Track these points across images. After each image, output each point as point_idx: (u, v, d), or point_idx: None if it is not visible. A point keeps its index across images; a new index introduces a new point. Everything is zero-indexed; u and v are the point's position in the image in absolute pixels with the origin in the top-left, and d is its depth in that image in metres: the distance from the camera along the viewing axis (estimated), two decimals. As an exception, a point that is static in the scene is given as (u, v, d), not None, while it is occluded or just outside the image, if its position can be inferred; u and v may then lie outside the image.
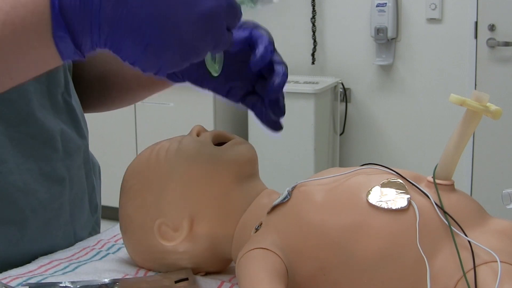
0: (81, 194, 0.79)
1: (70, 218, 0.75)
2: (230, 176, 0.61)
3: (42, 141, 0.71)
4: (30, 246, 0.69)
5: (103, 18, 0.48)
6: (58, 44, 0.48)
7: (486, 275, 0.48)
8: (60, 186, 0.73)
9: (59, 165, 0.73)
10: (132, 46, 0.49)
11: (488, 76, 2.84)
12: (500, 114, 0.51)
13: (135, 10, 0.48)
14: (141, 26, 0.48)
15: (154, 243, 0.61)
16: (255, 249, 0.55)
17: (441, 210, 0.51)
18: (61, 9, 0.47)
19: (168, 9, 0.49)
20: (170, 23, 0.49)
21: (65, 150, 0.74)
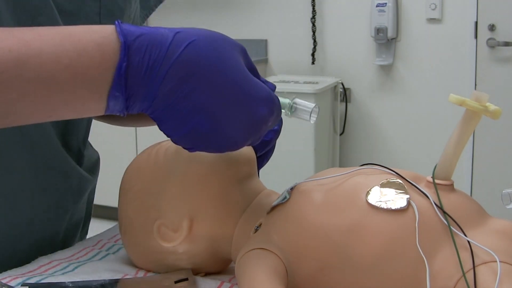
0: (77, 223, 0.80)
1: (60, 244, 0.76)
2: (229, 177, 0.61)
3: (62, 176, 0.72)
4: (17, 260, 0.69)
5: (160, 94, 0.48)
6: (109, 102, 0.48)
7: (486, 275, 0.48)
8: (62, 217, 0.75)
9: (68, 201, 0.75)
10: (176, 128, 0.50)
11: (488, 76, 2.84)
12: (500, 114, 0.51)
13: (191, 100, 0.48)
14: (192, 116, 0.49)
15: (154, 244, 0.61)
16: (255, 250, 0.55)
17: (440, 210, 0.51)
18: (126, 73, 0.47)
19: (223, 110, 0.49)
20: (221, 123, 0.50)
21: (79, 186, 0.76)
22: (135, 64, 0.47)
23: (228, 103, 0.49)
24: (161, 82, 0.48)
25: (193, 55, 0.48)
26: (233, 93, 0.50)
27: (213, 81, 0.49)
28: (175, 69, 0.48)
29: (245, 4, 3.34)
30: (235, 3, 3.36)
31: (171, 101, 0.48)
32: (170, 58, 0.48)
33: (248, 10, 3.35)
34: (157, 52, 0.48)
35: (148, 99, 0.49)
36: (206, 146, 0.51)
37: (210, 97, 0.49)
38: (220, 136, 0.50)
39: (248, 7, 3.34)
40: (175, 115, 0.49)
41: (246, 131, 0.51)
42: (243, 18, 3.36)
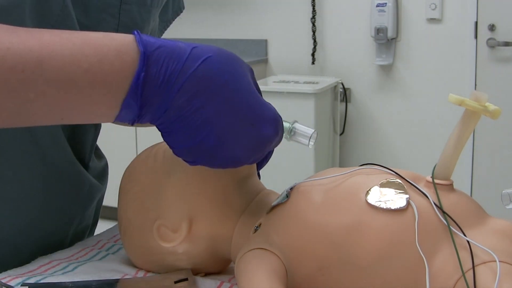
0: (85, 229, 0.80)
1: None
2: (229, 177, 0.61)
3: (72, 184, 0.73)
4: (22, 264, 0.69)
5: (173, 106, 0.49)
6: (122, 110, 0.49)
7: (485, 275, 0.48)
8: (70, 224, 0.75)
9: (77, 208, 0.75)
10: (182, 141, 0.51)
11: (488, 76, 2.84)
12: (499, 113, 0.51)
13: (202, 115, 0.49)
14: (201, 130, 0.50)
15: (153, 245, 0.61)
16: (254, 250, 0.55)
17: (440, 210, 0.51)
18: (144, 82, 0.48)
19: (231, 128, 0.51)
20: (228, 140, 0.51)
21: (89, 194, 0.76)
22: (152, 74, 0.48)
23: (237, 122, 0.51)
24: (176, 95, 0.49)
25: (208, 71, 0.49)
26: (243, 112, 0.51)
27: (225, 99, 0.50)
28: (190, 83, 0.49)
29: (245, 4, 3.34)
30: (235, 3, 3.36)
31: (183, 114, 0.49)
32: (186, 72, 0.49)
33: (248, 10, 3.35)
34: (175, 64, 0.49)
35: (160, 110, 0.49)
36: (209, 161, 0.52)
37: (221, 113, 0.50)
38: (225, 153, 0.52)
39: (248, 7, 3.34)
40: (184, 128, 0.50)
41: (251, 150, 0.52)
42: (243, 18, 3.37)
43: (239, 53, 3.41)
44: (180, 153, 0.53)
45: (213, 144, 0.51)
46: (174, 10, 0.90)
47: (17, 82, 0.46)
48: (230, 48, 3.44)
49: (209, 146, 0.51)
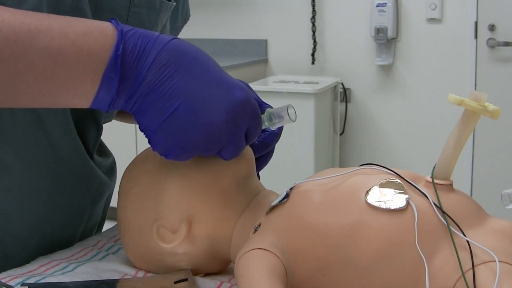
0: (93, 226, 0.81)
1: None
2: (228, 177, 0.61)
3: (82, 180, 0.73)
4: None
5: (147, 77, 0.53)
6: (102, 84, 0.52)
7: (485, 275, 0.48)
8: (80, 220, 0.75)
9: (87, 203, 0.75)
10: (156, 115, 0.53)
11: (488, 76, 2.84)
12: (499, 113, 0.51)
13: (173, 82, 0.53)
14: (173, 99, 0.53)
15: (153, 245, 0.61)
16: (254, 250, 0.54)
17: (439, 210, 0.51)
18: (122, 54, 0.52)
19: (202, 92, 0.53)
20: (200, 105, 0.53)
21: (98, 190, 0.76)
22: (129, 48, 0.52)
23: (207, 87, 0.53)
24: (150, 65, 0.52)
25: (178, 46, 0.54)
26: (213, 79, 0.54)
27: (194, 68, 0.54)
28: (162, 54, 0.53)
29: (245, 4, 3.34)
30: (235, 3, 3.36)
31: (155, 85, 0.52)
32: (158, 45, 0.53)
33: (248, 10, 3.35)
34: (147, 40, 0.53)
35: (136, 83, 0.52)
36: (185, 136, 0.53)
37: (191, 82, 0.53)
38: (200, 121, 0.53)
39: (248, 7, 3.34)
40: (156, 100, 0.53)
41: (225, 115, 0.53)
42: (243, 18, 3.37)
43: (239, 53, 3.41)
44: (155, 134, 0.54)
45: (186, 115, 0.53)
46: (183, 18, 0.92)
47: (9, 53, 0.48)
48: (230, 48, 3.44)
49: (182, 118, 0.53)
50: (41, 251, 0.69)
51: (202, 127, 0.53)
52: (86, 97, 0.53)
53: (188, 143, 0.54)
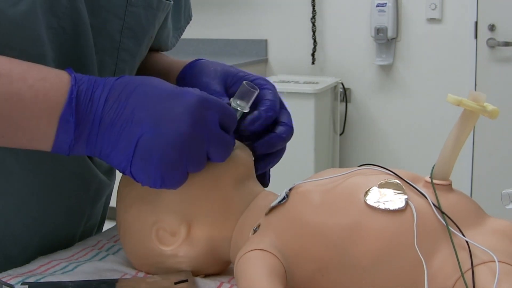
0: (93, 226, 0.81)
1: None
2: (227, 179, 0.61)
3: (81, 181, 0.73)
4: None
5: (105, 115, 0.54)
6: (60, 127, 0.54)
7: (484, 275, 0.48)
8: (79, 220, 0.75)
9: (86, 204, 0.75)
10: (125, 148, 0.55)
11: (488, 76, 2.84)
12: (497, 114, 0.51)
13: (131, 111, 0.55)
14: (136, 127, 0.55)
15: (153, 248, 0.61)
16: (253, 251, 0.55)
17: (438, 210, 0.51)
18: (77, 96, 0.54)
19: (159, 109, 0.55)
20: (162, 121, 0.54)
21: (97, 191, 0.76)
22: (83, 90, 0.55)
23: (159, 101, 0.55)
24: (104, 105, 0.55)
25: (126, 81, 0.56)
26: (161, 92, 0.56)
27: (142, 91, 0.55)
28: (113, 92, 0.55)
29: (245, 4, 3.34)
30: (235, 3, 3.36)
31: (114, 120, 0.54)
32: (107, 85, 0.56)
33: (248, 10, 3.35)
34: (98, 84, 0.56)
35: (95, 124, 0.54)
36: (160, 155, 0.54)
37: (144, 103, 0.55)
38: (167, 134, 0.54)
39: (248, 7, 3.34)
40: (120, 134, 0.54)
41: (187, 118, 0.54)
42: (243, 18, 3.36)
43: (239, 53, 3.41)
44: (132, 169, 0.55)
45: (152, 136, 0.54)
46: (185, 18, 0.93)
47: None
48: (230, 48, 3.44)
49: (150, 141, 0.54)
50: (41, 251, 0.69)
51: (172, 139, 0.54)
52: (46, 140, 0.55)
53: (166, 161, 0.54)
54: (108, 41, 0.70)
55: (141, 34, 0.74)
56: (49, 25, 0.62)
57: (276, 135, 0.67)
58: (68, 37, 0.64)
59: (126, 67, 0.73)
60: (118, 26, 0.70)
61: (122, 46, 0.71)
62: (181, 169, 0.55)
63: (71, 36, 0.64)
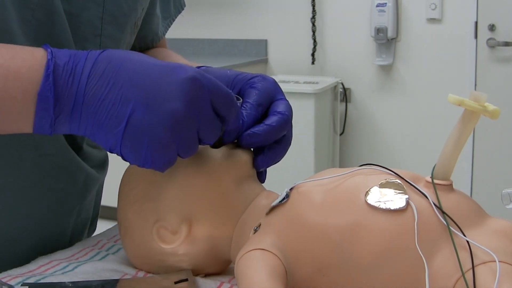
0: (85, 221, 0.80)
1: (69, 243, 0.76)
2: (228, 178, 0.61)
3: (68, 174, 0.72)
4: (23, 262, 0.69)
5: (87, 93, 0.51)
6: (38, 104, 0.51)
7: (485, 275, 0.48)
8: (68, 215, 0.75)
9: (74, 198, 0.75)
10: (114, 126, 0.52)
11: (488, 76, 2.84)
12: (498, 114, 0.51)
13: (119, 88, 0.51)
14: (125, 104, 0.51)
15: (153, 246, 0.61)
16: (254, 250, 0.55)
17: (439, 210, 0.51)
18: (54, 70, 0.51)
19: (150, 85, 0.51)
20: (153, 96, 0.51)
21: (85, 184, 0.76)
22: (61, 64, 0.51)
23: (149, 79, 0.51)
24: (87, 81, 0.51)
25: (110, 55, 0.53)
26: (151, 69, 0.52)
27: (131, 68, 0.52)
28: (97, 67, 0.52)
29: (245, 4, 3.34)
30: (235, 3, 3.36)
31: (100, 97, 0.51)
32: (90, 60, 0.52)
33: (248, 10, 3.35)
34: (79, 58, 0.52)
35: (78, 101, 0.51)
36: (150, 135, 0.51)
37: (133, 80, 0.51)
38: (158, 113, 0.51)
39: (248, 7, 3.34)
40: (108, 113, 0.51)
41: (180, 96, 0.51)
42: (243, 18, 3.37)
43: (239, 53, 3.41)
44: (122, 149, 0.52)
45: (143, 114, 0.51)
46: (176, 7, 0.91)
47: None
48: (230, 48, 3.44)
49: (140, 120, 0.51)
50: (32, 248, 0.69)
51: (163, 118, 0.51)
52: (26, 120, 0.52)
53: (157, 140, 0.51)
54: (89, 29, 0.69)
55: (123, 20, 0.73)
56: (23, 17, 0.61)
57: (263, 124, 0.61)
58: (44, 28, 0.63)
59: None
60: (97, 12, 0.69)
61: (104, 33, 0.70)
62: (172, 150, 0.53)
63: (47, 27, 0.63)
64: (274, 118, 0.62)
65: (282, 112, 0.63)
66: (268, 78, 0.67)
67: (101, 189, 0.84)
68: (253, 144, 0.62)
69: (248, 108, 0.62)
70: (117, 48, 0.73)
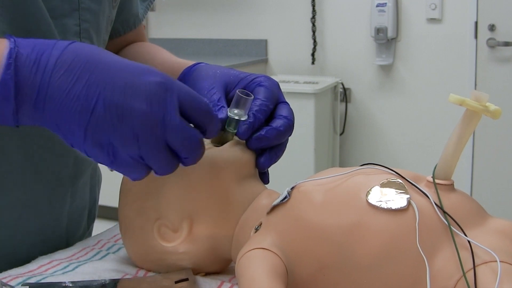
0: (82, 208, 0.80)
1: (66, 231, 0.76)
2: (230, 177, 0.61)
3: (55, 156, 0.71)
4: (20, 251, 0.69)
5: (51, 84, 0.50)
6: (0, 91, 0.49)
7: (486, 275, 0.48)
8: (62, 199, 0.74)
9: (66, 181, 0.74)
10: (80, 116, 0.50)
11: (488, 76, 2.84)
12: (500, 113, 0.51)
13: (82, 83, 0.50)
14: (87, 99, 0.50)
15: (154, 244, 0.61)
16: (255, 249, 0.55)
17: (440, 210, 0.51)
18: (16, 58, 0.49)
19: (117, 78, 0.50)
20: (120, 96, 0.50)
21: (75, 167, 0.75)
22: (25, 54, 0.50)
23: (117, 77, 0.51)
24: (52, 71, 0.49)
25: (78, 48, 0.51)
26: (120, 68, 0.51)
27: (99, 63, 0.51)
28: (64, 58, 0.50)
29: (245, 4, 3.34)
30: (235, 3, 3.36)
31: (66, 88, 0.50)
32: (57, 50, 0.51)
33: (248, 10, 3.35)
34: (45, 48, 0.51)
35: (42, 91, 0.49)
36: (115, 132, 0.50)
37: (100, 75, 0.50)
38: (122, 108, 0.50)
39: (248, 7, 3.34)
40: (72, 105, 0.50)
41: (144, 97, 0.50)
42: (243, 18, 3.37)
43: (239, 53, 3.41)
44: (85, 145, 0.51)
45: (107, 110, 0.49)
46: None
47: None
48: (230, 48, 3.44)
49: (105, 114, 0.50)
50: (29, 235, 0.69)
51: (125, 116, 0.50)
52: None
53: (118, 137, 0.50)
54: (67, 4, 0.69)
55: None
56: None
57: (272, 128, 0.63)
58: (19, 9, 0.62)
59: (90, 27, 0.72)
60: None
61: (82, 6, 0.70)
62: (135, 151, 0.51)
63: (22, 8, 0.63)
64: (281, 122, 0.64)
65: (288, 117, 0.65)
66: (273, 79, 0.69)
67: (96, 173, 0.83)
68: (261, 147, 0.63)
69: (259, 104, 0.64)
70: (98, 21, 0.73)
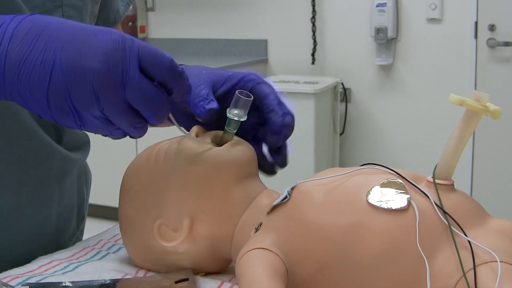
0: (70, 207, 0.79)
1: (55, 231, 0.76)
2: (230, 176, 0.61)
3: (41, 157, 0.71)
4: (10, 253, 0.69)
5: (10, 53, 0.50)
6: None
7: (486, 275, 0.48)
8: (49, 199, 0.74)
9: (52, 182, 0.74)
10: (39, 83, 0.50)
11: (488, 76, 2.84)
12: (500, 113, 0.51)
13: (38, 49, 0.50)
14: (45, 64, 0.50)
15: (154, 244, 0.61)
16: (255, 249, 0.55)
17: (440, 210, 0.51)
18: None
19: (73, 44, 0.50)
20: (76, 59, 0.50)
21: (61, 167, 0.75)
22: None
23: (73, 38, 0.51)
24: (10, 41, 0.50)
25: (36, 17, 0.52)
26: (76, 29, 0.51)
27: (55, 28, 0.51)
28: (20, 28, 0.51)
29: (245, 4, 3.34)
30: (235, 3, 3.37)
31: (23, 56, 0.50)
32: (15, 22, 0.51)
33: (248, 10, 3.35)
34: (4, 19, 0.51)
35: (0, 62, 0.50)
36: (74, 92, 0.50)
37: (56, 38, 0.50)
38: (79, 69, 0.50)
39: (248, 7, 3.34)
40: (30, 72, 0.50)
41: (101, 55, 0.50)
42: (243, 18, 3.37)
43: (239, 53, 3.41)
44: (50, 110, 0.51)
45: (65, 72, 0.49)
46: None
47: None
48: (230, 48, 3.45)
49: (63, 77, 0.49)
50: (19, 236, 0.69)
51: (82, 77, 0.50)
52: None
53: (79, 98, 0.50)
54: (49, 1, 0.69)
55: None
56: None
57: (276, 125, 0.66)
58: (2, 6, 0.63)
59: None
60: None
61: (65, 3, 0.71)
62: (97, 112, 0.51)
63: (4, 5, 0.63)
64: (289, 118, 0.68)
65: (290, 112, 0.68)
66: (260, 74, 0.70)
67: (84, 173, 0.83)
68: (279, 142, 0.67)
69: (276, 103, 0.66)
70: (81, 18, 0.73)
